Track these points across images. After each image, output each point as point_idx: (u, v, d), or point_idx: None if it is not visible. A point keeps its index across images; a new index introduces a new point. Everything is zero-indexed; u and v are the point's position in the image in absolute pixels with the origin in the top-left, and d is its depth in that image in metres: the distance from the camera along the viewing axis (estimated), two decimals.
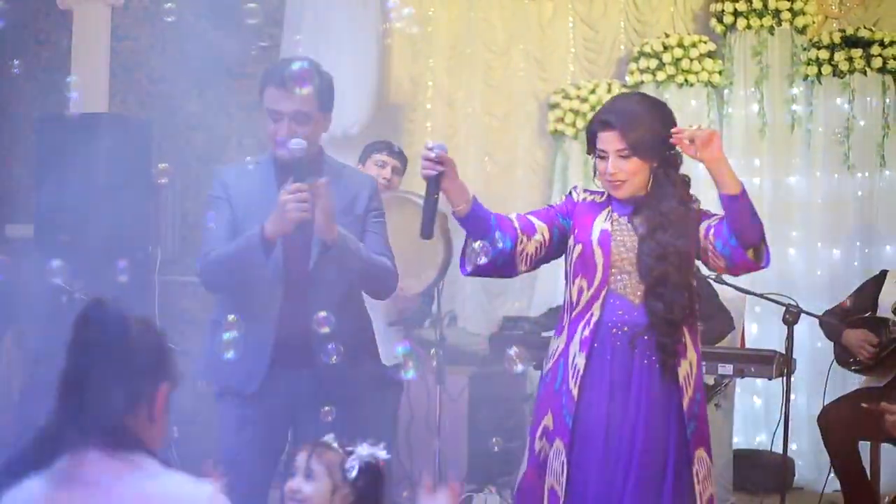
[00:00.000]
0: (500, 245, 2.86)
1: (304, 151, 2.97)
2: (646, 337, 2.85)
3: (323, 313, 2.91)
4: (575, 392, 2.85)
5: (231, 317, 2.93)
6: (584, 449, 2.85)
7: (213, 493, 1.82)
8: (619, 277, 2.88)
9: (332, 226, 3.00)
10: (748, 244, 2.79)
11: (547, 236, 2.93)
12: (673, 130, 2.81)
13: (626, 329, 2.86)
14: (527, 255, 2.91)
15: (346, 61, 6.00)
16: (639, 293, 2.86)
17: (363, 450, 2.44)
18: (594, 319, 2.87)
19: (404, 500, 4.98)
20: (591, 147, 2.93)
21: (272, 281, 3.09)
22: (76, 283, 3.92)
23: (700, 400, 2.88)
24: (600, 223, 2.92)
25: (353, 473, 2.40)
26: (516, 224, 2.91)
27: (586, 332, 2.87)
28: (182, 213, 6.07)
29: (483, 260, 2.84)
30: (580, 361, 2.86)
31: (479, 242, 2.85)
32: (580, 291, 2.91)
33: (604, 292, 2.87)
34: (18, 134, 6.32)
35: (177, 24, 4.05)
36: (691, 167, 2.96)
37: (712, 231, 2.82)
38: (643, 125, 2.84)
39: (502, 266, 2.91)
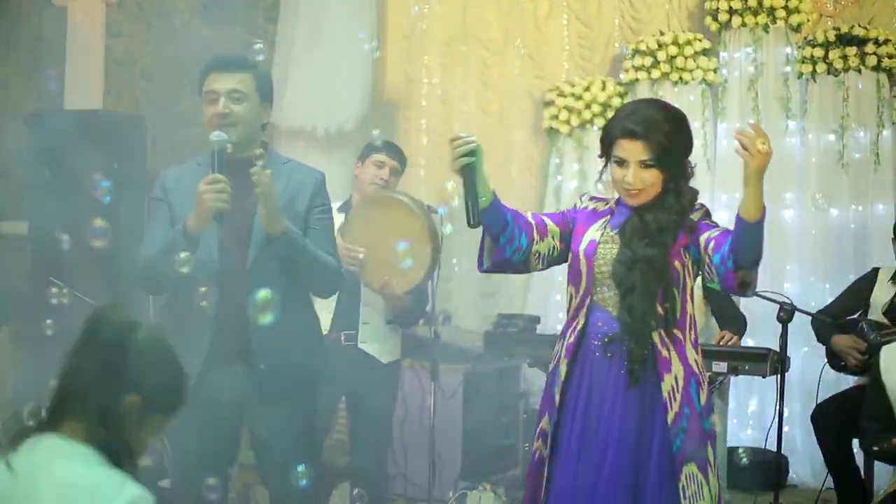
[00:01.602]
0: (517, 242, 2.89)
1: (225, 144, 3.02)
2: (622, 346, 2.84)
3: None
4: (557, 398, 2.90)
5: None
6: (561, 453, 2.88)
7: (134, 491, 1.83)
8: (600, 289, 2.89)
9: (275, 218, 3.02)
10: (742, 268, 2.73)
11: (559, 239, 2.96)
12: (751, 125, 2.68)
13: (606, 340, 2.86)
14: (539, 254, 2.93)
15: (341, 58, 6.00)
16: (617, 305, 2.86)
17: None
18: (579, 327, 2.90)
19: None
20: (607, 152, 2.89)
21: (208, 278, 3.02)
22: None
23: (691, 415, 2.80)
24: (591, 234, 2.93)
25: None
26: (532, 222, 2.93)
27: (571, 339, 2.91)
28: None
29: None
30: (563, 368, 2.90)
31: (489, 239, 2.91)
32: (571, 298, 2.95)
33: (587, 302, 2.90)
34: (13, 130, 6.31)
35: (171, 20, 4.04)
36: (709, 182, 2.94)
37: (712, 244, 2.77)
38: (668, 136, 2.80)
39: (518, 263, 2.94)
